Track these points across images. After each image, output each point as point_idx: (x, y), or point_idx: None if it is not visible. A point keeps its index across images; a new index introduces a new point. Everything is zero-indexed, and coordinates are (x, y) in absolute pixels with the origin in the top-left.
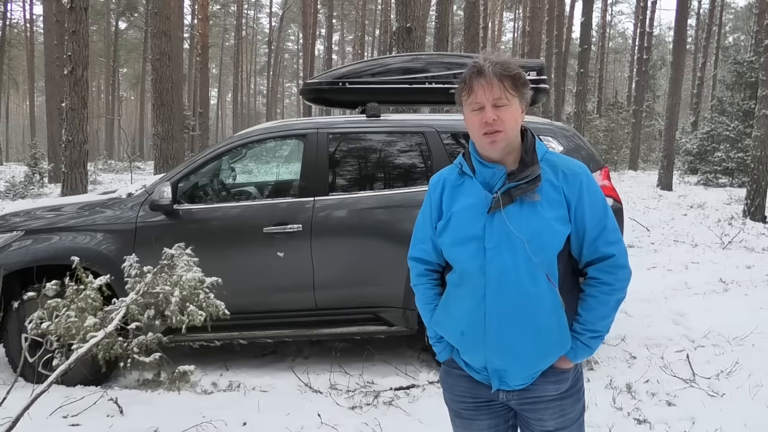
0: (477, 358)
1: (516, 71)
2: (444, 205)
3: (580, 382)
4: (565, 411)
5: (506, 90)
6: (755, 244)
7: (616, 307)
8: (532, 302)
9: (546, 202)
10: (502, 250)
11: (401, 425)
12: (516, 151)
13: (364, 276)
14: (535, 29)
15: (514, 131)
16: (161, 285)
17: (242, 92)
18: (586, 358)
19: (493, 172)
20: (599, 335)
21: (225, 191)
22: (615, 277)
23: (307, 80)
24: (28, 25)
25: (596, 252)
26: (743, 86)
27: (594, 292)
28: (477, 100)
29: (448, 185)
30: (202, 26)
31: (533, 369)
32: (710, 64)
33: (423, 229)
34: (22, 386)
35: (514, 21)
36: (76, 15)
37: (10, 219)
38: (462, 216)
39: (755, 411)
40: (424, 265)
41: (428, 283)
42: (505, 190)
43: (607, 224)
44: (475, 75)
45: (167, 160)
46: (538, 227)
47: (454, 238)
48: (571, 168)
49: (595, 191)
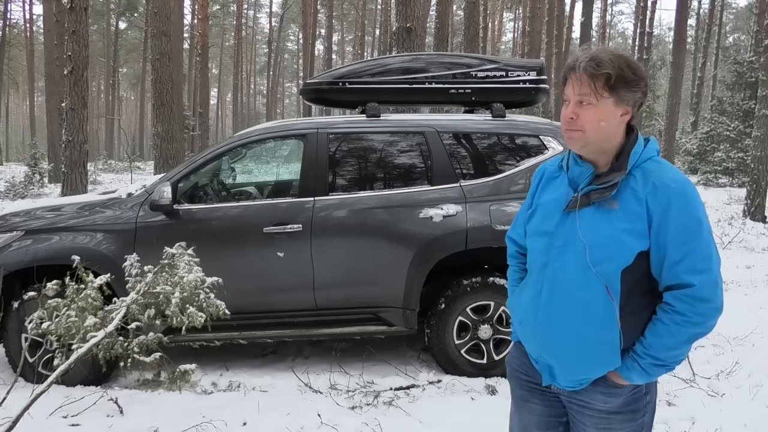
0: (531, 349)
1: (608, 70)
2: (536, 195)
3: (640, 404)
4: (612, 427)
5: (595, 89)
6: (755, 244)
7: (688, 342)
8: (582, 310)
9: (623, 212)
10: (566, 251)
11: (401, 425)
12: (611, 154)
13: (364, 276)
14: (535, 29)
15: (598, 133)
16: (162, 285)
17: (242, 92)
18: (644, 382)
19: (581, 171)
20: (662, 364)
21: (225, 191)
22: (692, 309)
23: (307, 80)
24: (28, 25)
25: (675, 278)
26: (743, 86)
27: (664, 318)
28: (565, 94)
29: (546, 176)
30: (202, 26)
31: (580, 375)
32: (710, 64)
33: (521, 213)
34: (22, 386)
35: (514, 21)
36: (76, 15)
37: (10, 219)
38: (544, 209)
39: (755, 411)
40: (516, 247)
41: (517, 265)
42: (586, 191)
43: (695, 249)
44: (570, 69)
45: (167, 160)
46: (605, 236)
47: (533, 229)
48: (664, 180)
49: (687, 210)
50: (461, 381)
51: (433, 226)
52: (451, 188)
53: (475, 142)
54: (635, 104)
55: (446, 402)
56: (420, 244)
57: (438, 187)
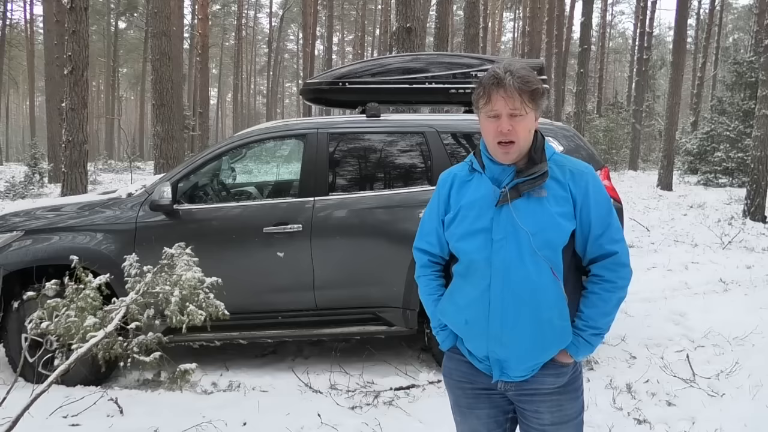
0: (480, 347)
1: (535, 85)
2: (452, 200)
3: (578, 381)
4: (563, 406)
5: (524, 103)
6: (755, 244)
7: (617, 305)
8: (536, 294)
9: (552, 198)
10: (508, 242)
11: (401, 425)
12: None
13: (364, 276)
14: (535, 29)
15: (527, 141)
16: (161, 285)
17: (242, 92)
18: (587, 355)
19: (502, 169)
20: (600, 332)
21: (225, 191)
22: (617, 275)
23: (307, 80)
24: (28, 25)
25: (600, 249)
26: (743, 86)
27: (596, 289)
28: (494, 109)
29: (457, 181)
30: (202, 26)
31: (533, 361)
32: (710, 64)
33: (429, 222)
34: (22, 386)
35: (514, 21)
36: (76, 15)
37: (10, 219)
38: (470, 209)
39: (755, 411)
40: (428, 257)
41: (432, 274)
42: (514, 185)
43: (611, 223)
44: (495, 85)
45: (167, 160)
46: (543, 221)
47: (463, 230)
48: (578, 168)
49: (601, 191)
50: None
51: None
52: None
53: (475, 142)
54: (541, 112)
55: (446, 402)
56: None
57: None
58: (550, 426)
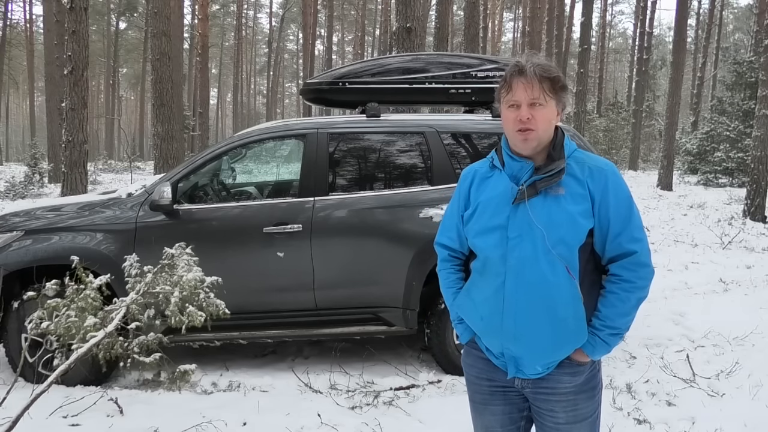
0: (495, 344)
1: (556, 74)
2: (472, 196)
3: (596, 379)
4: (578, 406)
5: (544, 91)
6: (755, 244)
7: (636, 306)
8: (550, 292)
9: (570, 196)
10: (523, 239)
11: (401, 425)
12: (546, 149)
13: (364, 276)
14: (535, 29)
15: (547, 132)
16: (161, 285)
17: (242, 92)
18: (604, 355)
19: (521, 166)
20: (618, 333)
21: (225, 191)
22: (636, 275)
23: (307, 80)
24: (28, 25)
25: (619, 248)
26: (743, 86)
27: (615, 289)
28: (515, 98)
29: (477, 177)
30: (202, 26)
31: (548, 359)
32: (710, 64)
33: (450, 217)
34: (22, 386)
35: (514, 21)
36: (76, 15)
37: (10, 219)
38: (488, 206)
39: (755, 411)
40: (448, 251)
41: (451, 268)
42: (531, 182)
43: (631, 221)
44: (516, 74)
45: (167, 160)
46: (559, 219)
47: (480, 227)
48: (598, 164)
49: (621, 188)
50: (461, 381)
51: (433, 226)
52: (451, 188)
53: (475, 142)
54: (563, 107)
55: (446, 402)
56: (420, 244)
57: (438, 187)
58: (565, 425)
